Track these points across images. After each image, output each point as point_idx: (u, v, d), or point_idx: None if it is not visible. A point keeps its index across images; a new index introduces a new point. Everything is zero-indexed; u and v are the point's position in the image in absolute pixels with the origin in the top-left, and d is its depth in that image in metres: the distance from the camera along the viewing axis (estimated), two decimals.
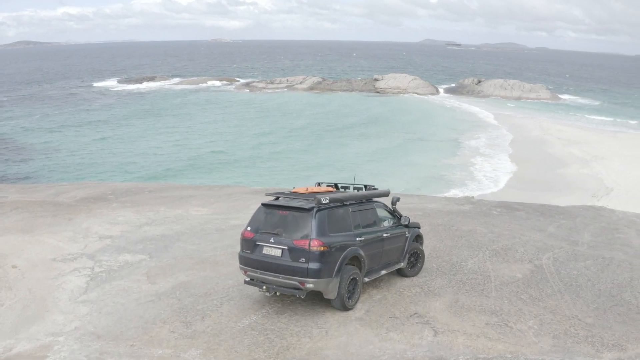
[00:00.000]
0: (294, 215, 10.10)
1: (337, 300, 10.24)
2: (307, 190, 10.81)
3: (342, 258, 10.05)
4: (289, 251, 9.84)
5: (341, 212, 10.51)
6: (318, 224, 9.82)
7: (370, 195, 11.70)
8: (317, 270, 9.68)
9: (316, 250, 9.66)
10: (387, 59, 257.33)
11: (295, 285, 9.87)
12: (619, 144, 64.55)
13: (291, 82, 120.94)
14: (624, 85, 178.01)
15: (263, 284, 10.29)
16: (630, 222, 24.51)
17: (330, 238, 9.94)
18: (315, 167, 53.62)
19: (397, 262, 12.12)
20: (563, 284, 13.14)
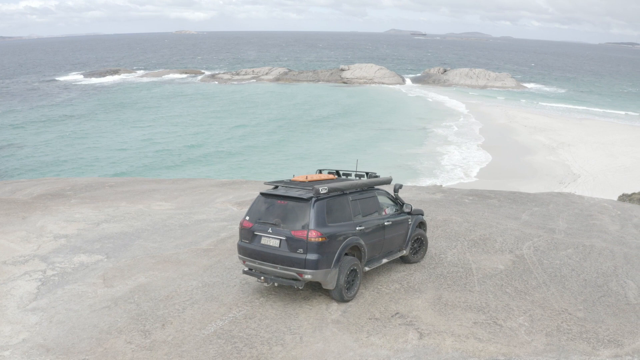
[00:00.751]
0: (292, 205, 9.87)
1: (335, 291, 9.99)
2: (307, 179, 10.58)
3: (341, 248, 9.86)
4: (287, 242, 9.65)
5: (340, 201, 10.28)
6: (316, 214, 9.63)
7: (371, 183, 11.36)
8: (315, 261, 9.48)
9: (314, 241, 9.47)
10: (353, 49, 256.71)
11: (293, 276, 9.67)
12: (584, 131, 65.02)
13: (257, 74, 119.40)
14: (588, 73, 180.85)
15: (261, 274, 10.07)
16: (603, 209, 24.19)
17: (328, 228, 9.72)
18: (287, 159, 52.65)
19: (400, 249, 11.93)
20: (547, 275, 12.47)
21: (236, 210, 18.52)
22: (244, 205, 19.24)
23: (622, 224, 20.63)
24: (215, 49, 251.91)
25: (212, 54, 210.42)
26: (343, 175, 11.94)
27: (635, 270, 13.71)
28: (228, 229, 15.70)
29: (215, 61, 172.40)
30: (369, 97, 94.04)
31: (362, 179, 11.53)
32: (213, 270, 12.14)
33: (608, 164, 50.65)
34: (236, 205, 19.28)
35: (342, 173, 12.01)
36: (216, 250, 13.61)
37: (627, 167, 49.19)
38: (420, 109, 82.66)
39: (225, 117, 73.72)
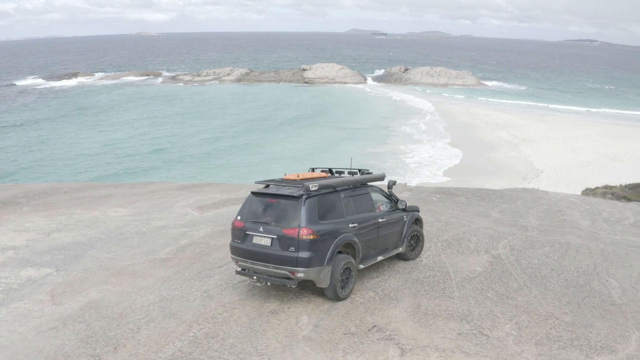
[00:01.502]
0: (283, 203, 9.73)
1: (329, 289, 9.79)
2: (299, 177, 10.44)
3: (333, 246, 9.67)
4: (278, 240, 9.49)
5: (332, 198, 10.13)
6: (307, 211, 9.48)
7: (364, 180, 11.22)
8: (307, 259, 9.30)
9: (306, 239, 9.30)
10: (315, 49, 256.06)
11: (286, 275, 9.49)
12: (545, 127, 65.56)
13: (218, 74, 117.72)
14: (548, 70, 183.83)
15: (254, 274, 9.85)
16: (571, 204, 23.93)
17: (320, 226, 9.57)
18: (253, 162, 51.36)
19: (395, 247, 11.76)
20: (527, 276, 11.83)
21: (197, 215, 17.48)
22: (205, 210, 18.22)
23: (592, 218, 20.33)
24: (175, 50, 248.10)
25: (173, 56, 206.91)
26: (336, 173, 11.81)
27: (615, 267, 13.22)
28: (188, 235, 14.67)
29: (176, 62, 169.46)
30: (332, 97, 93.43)
31: (354, 176, 11.33)
32: (172, 283, 11.14)
33: (570, 159, 51.00)
34: (197, 210, 18.23)
35: (335, 171, 11.88)
36: (175, 260, 12.59)
37: (589, 161, 49.57)
38: (383, 107, 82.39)
39: (188, 119, 71.95)
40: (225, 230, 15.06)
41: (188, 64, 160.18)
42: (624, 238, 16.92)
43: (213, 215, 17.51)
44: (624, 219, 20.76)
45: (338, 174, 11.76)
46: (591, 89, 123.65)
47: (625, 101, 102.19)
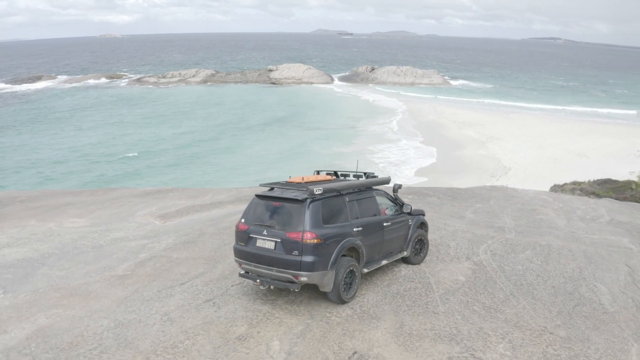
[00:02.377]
0: (287, 206, 9.62)
1: (333, 293, 9.63)
2: (303, 180, 10.31)
3: (337, 250, 9.52)
4: (282, 244, 9.36)
5: (337, 202, 10.00)
6: (311, 215, 9.36)
7: (369, 184, 11.04)
8: (311, 263, 9.14)
9: (309, 243, 9.16)
10: (281, 49, 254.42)
11: (289, 279, 9.32)
12: (512, 125, 65.66)
13: (184, 76, 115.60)
14: (513, 68, 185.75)
15: (257, 277, 9.72)
16: (544, 202, 23.46)
17: (324, 230, 9.43)
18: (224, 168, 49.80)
19: (400, 251, 11.58)
20: (513, 284, 11.06)
21: (159, 225, 16.32)
22: (167, 219, 17.07)
23: (568, 217, 19.81)
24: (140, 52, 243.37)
25: (138, 58, 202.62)
26: (341, 176, 11.69)
27: (601, 270, 12.56)
28: (148, 248, 13.54)
29: (141, 64, 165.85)
30: (299, 98, 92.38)
31: (360, 180, 11.19)
32: (129, 304, 10.03)
33: (537, 155, 50.97)
34: (159, 219, 17.07)
35: (340, 174, 11.76)
36: (133, 277, 11.47)
37: (556, 158, 49.60)
38: (350, 107, 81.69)
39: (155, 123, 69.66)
40: (189, 242, 14.00)
41: (153, 66, 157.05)
42: (603, 238, 16.37)
43: (176, 224, 16.38)
44: (599, 217, 20.30)
45: (343, 177, 11.65)
46: (556, 86, 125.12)
47: (590, 98, 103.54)
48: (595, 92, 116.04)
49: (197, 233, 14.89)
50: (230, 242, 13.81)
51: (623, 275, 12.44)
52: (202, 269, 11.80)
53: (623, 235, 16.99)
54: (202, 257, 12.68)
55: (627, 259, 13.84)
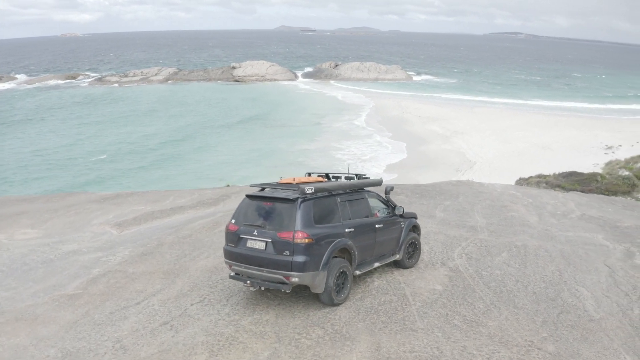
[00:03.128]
0: (278, 206, 9.42)
1: (324, 294, 9.38)
2: (294, 181, 10.08)
3: (329, 250, 9.28)
4: (272, 244, 9.13)
5: (328, 202, 9.80)
6: (303, 215, 9.15)
7: (361, 185, 10.85)
8: (302, 264, 8.92)
9: (301, 243, 8.95)
10: (244, 47, 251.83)
11: (280, 280, 9.07)
12: (476, 119, 65.67)
13: (146, 75, 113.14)
14: (476, 63, 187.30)
15: (248, 278, 9.44)
16: (514, 197, 23.05)
17: (316, 229, 9.21)
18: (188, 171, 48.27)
19: (392, 254, 11.27)
20: (492, 292, 10.37)
21: (115, 235, 15.22)
22: (124, 227, 15.97)
23: (539, 213, 19.39)
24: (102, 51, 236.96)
25: (99, 57, 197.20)
26: (333, 178, 11.40)
27: (581, 272, 12.00)
28: (102, 262, 12.47)
29: (103, 63, 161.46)
30: (262, 95, 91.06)
31: (352, 181, 10.95)
32: (78, 330, 8.99)
33: (501, 149, 50.95)
34: (116, 228, 15.95)
35: (332, 176, 11.47)
36: (85, 297, 10.42)
37: (520, 151, 49.64)
38: (314, 104, 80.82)
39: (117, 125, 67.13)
40: (146, 253, 12.98)
41: (115, 65, 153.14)
42: (577, 235, 15.90)
43: (133, 233, 15.31)
44: (570, 212, 19.93)
45: (335, 179, 11.37)
46: (519, 80, 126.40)
47: (553, 91, 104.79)
48: (558, 85, 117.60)
49: (155, 243, 13.87)
50: (190, 253, 12.85)
51: (604, 276, 11.90)
52: (160, 284, 10.82)
53: (596, 231, 16.57)
54: (160, 270, 11.68)
55: (605, 258, 13.34)
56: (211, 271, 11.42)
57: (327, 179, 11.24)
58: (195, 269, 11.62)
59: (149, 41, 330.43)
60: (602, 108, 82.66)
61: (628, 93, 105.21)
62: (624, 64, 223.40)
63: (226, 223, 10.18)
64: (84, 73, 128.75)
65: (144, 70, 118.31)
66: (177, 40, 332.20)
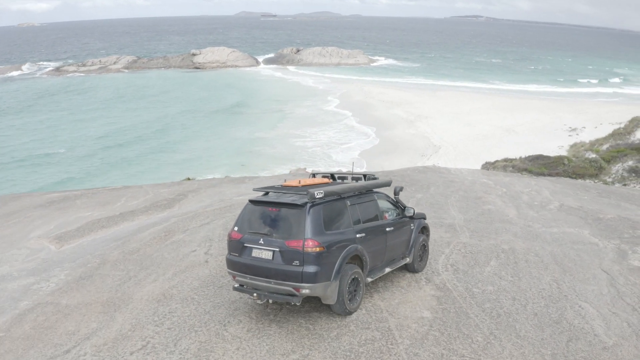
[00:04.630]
0: (285, 212, 8.55)
1: (337, 305, 8.56)
2: (300, 183, 9.25)
3: (341, 258, 8.46)
4: (280, 253, 8.28)
5: (338, 206, 8.95)
6: (312, 221, 8.32)
7: (370, 186, 9.99)
8: (313, 274, 8.10)
9: (311, 252, 8.11)
10: (204, 33, 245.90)
11: (290, 292, 8.23)
12: (439, 103, 64.52)
13: (104, 63, 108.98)
14: (438, 47, 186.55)
15: (254, 290, 8.56)
16: (486, 187, 21.77)
17: (326, 237, 8.37)
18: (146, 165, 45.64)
19: (403, 257, 10.42)
20: (489, 317, 8.76)
21: (53, 251, 13.14)
22: (65, 240, 13.89)
23: (516, 205, 18.07)
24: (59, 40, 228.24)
25: (57, 46, 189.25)
26: (338, 179, 10.73)
27: (579, 282, 10.53)
28: (33, 291, 10.43)
29: (60, 53, 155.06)
30: (223, 82, 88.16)
31: (360, 182, 10.11)
32: None
33: (466, 133, 49.90)
34: (55, 242, 13.85)
35: (338, 176, 10.81)
36: (6, 343, 8.41)
37: (484, 135, 48.64)
38: (276, 90, 78.57)
39: (75, 120, 63.09)
40: (85, 277, 11.00)
41: (73, 54, 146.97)
42: (562, 231, 14.52)
43: (74, 248, 13.26)
44: (547, 203, 18.64)
45: (340, 180, 10.66)
46: (482, 64, 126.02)
47: (515, 74, 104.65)
48: (520, 68, 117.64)
49: (97, 261, 11.87)
50: (135, 275, 10.91)
51: (605, 286, 10.44)
52: (96, 322, 8.87)
53: (581, 225, 15.25)
54: (98, 301, 9.72)
55: (599, 261, 11.93)
56: (158, 301, 9.52)
57: (332, 180, 10.53)
58: (139, 298, 9.70)
59: (109, 29, 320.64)
60: (564, 91, 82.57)
61: (589, 75, 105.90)
62: (585, 46, 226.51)
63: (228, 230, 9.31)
64: (42, 63, 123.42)
65: (102, 59, 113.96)
66: (136, 28, 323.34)
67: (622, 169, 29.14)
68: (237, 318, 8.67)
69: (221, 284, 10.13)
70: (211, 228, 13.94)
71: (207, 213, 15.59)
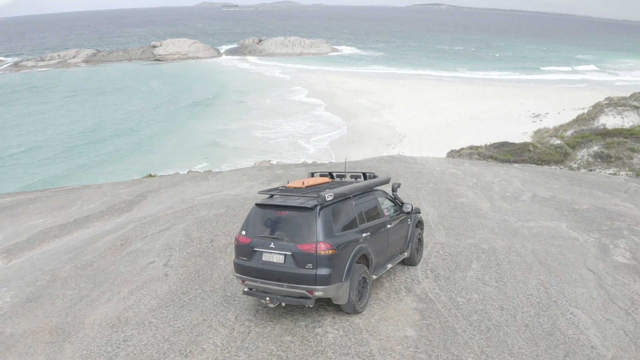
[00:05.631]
0: (295, 215, 8.34)
1: (347, 305, 8.49)
2: (304, 184, 9.26)
3: (351, 259, 8.41)
4: (293, 257, 8.12)
5: (345, 207, 8.87)
6: (323, 223, 8.18)
7: (373, 185, 9.97)
8: (327, 276, 7.98)
9: (324, 254, 7.99)
10: (165, 25, 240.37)
11: (303, 294, 8.07)
12: (403, 91, 63.86)
13: (64, 57, 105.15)
14: (400, 35, 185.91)
15: (265, 294, 8.36)
16: (455, 177, 21.11)
17: (337, 238, 8.27)
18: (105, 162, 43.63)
19: (401, 252, 10.42)
20: (478, 332, 7.92)
21: (1, 267, 11.81)
22: (14, 254, 12.60)
23: (488, 197, 17.39)
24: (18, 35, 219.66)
25: (16, 41, 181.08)
26: (337, 177, 10.65)
27: (567, 284, 9.83)
28: None
29: (19, 48, 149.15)
30: (184, 74, 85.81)
31: (364, 181, 10.03)
32: None
33: (430, 121, 49.35)
34: (3, 256, 12.50)
35: (336, 174, 10.67)
36: None
37: (448, 122, 48.16)
38: (238, 81, 76.77)
39: (33, 119, 60.47)
40: (33, 298, 9.78)
41: (31, 49, 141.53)
42: (539, 225, 13.87)
43: (23, 263, 11.97)
44: (520, 194, 18.03)
45: (339, 178, 10.60)
46: (444, 51, 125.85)
47: (477, 61, 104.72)
48: (482, 55, 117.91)
49: (46, 278, 10.63)
50: (88, 294, 9.74)
51: (594, 287, 9.74)
52: (43, 355, 7.72)
53: (557, 218, 14.63)
54: (46, 328, 8.54)
55: (583, 259, 11.27)
56: (112, 326, 8.40)
57: (331, 179, 10.41)
58: (91, 323, 8.56)
59: (69, 23, 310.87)
60: (527, 78, 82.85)
61: (551, 61, 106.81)
62: (545, 33, 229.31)
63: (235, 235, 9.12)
64: None
65: (61, 53, 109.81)
66: (97, 21, 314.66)
67: (587, 155, 28.93)
68: (200, 346, 7.62)
69: (182, 303, 9.06)
70: (171, 234, 12.79)
71: (167, 216, 14.41)
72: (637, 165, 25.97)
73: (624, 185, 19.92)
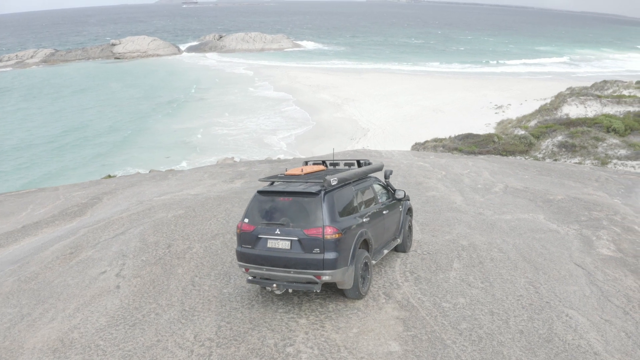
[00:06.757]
0: (300, 200, 8.18)
1: (352, 290, 8.30)
2: (303, 171, 8.90)
3: (354, 243, 8.24)
4: (299, 242, 7.90)
5: (347, 192, 8.73)
6: (328, 207, 8.03)
7: (369, 171, 9.88)
8: (334, 260, 7.80)
9: (331, 238, 7.81)
10: (124, 22, 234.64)
11: (310, 279, 7.86)
12: (366, 85, 63.04)
13: (21, 58, 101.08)
14: (362, 29, 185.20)
15: (270, 281, 8.11)
16: (424, 170, 20.25)
17: (341, 223, 8.11)
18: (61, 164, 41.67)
19: (394, 238, 10.33)
20: (469, 342, 6.97)
21: None
22: None
23: (459, 189, 16.59)
24: None
25: None
26: (331, 165, 10.41)
27: (557, 282, 8.99)
28: None
29: None
30: (143, 72, 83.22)
31: (362, 167, 9.90)
32: None
33: (394, 114, 48.65)
34: None
35: (329, 163, 10.48)
36: None
37: (412, 115, 47.52)
38: (198, 78, 74.74)
39: None
40: None
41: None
42: (516, 218, 13.10)
43: None
44: (491, 185, 17.27)
45: (332, 166, 10.34)
46: (406, 45, 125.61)
47: (438, 54, 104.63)
48: (443, 48, 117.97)
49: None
50: (30, 312, 8.44)
51: (585, 285, 8.94)
52: None
53: (533, 210, 13.89)
54: None
55: (569, 253, 10.50)
56: (54, 350, 7.15)
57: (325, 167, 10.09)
58: (32, 348, 7.30)
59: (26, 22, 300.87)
60: (488, 70, 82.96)
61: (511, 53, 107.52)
62: (505, 25, 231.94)
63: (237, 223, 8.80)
64: None
65: (18, 53, 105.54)
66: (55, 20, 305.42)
67: (552, 145, 28.58)
68: None
69: (134, 321, 7.85)
70: (126, 240, 11.52)
71: (122, 220, 13.11)
72: (602, 154, 25.66)
73: (594, 174, 19.39)
